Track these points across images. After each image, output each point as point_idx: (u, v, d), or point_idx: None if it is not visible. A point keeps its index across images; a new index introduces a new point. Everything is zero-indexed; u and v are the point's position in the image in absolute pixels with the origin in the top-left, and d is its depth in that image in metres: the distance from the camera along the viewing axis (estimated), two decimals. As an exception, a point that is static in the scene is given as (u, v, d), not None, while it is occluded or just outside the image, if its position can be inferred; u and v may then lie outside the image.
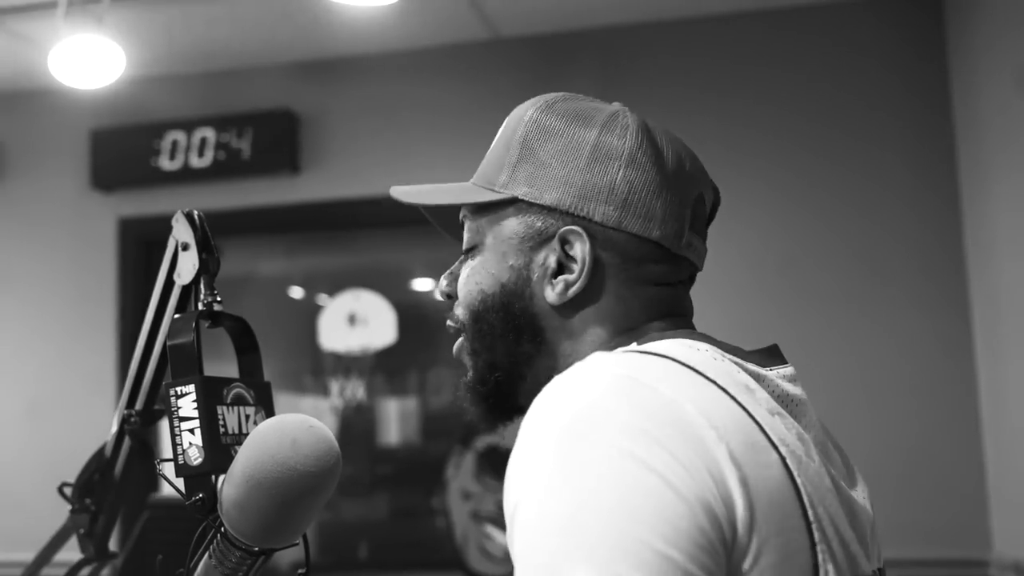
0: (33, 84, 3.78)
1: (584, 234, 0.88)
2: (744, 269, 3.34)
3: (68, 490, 1.19)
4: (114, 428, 1.15)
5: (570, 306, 0.89)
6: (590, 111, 0.91)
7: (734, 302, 3.32)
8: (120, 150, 3.83)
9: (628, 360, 0.77)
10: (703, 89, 3.45)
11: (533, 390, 0.80)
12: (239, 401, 0.95)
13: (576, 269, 0.88)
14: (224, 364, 1.06)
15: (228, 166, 3.74)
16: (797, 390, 0.86)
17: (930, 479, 3.15)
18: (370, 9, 3.21)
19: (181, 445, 0.91)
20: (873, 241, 3.28)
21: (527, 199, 0.90)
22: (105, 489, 1.17)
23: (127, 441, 1.13)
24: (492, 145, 0.96)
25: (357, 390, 3.93)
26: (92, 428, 1.12)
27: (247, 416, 0.96)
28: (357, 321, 3.85)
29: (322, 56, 3.73)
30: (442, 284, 0.98)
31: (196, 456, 0.90)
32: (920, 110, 3.30)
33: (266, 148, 3.70)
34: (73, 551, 1.23)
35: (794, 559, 0.72)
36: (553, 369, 0.88)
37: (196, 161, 3.74)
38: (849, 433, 3.41)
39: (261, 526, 0.88)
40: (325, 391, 3.99)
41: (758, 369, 0.84)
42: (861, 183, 3.32)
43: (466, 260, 0.95)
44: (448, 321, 0.97)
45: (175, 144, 3.77)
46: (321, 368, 4.05)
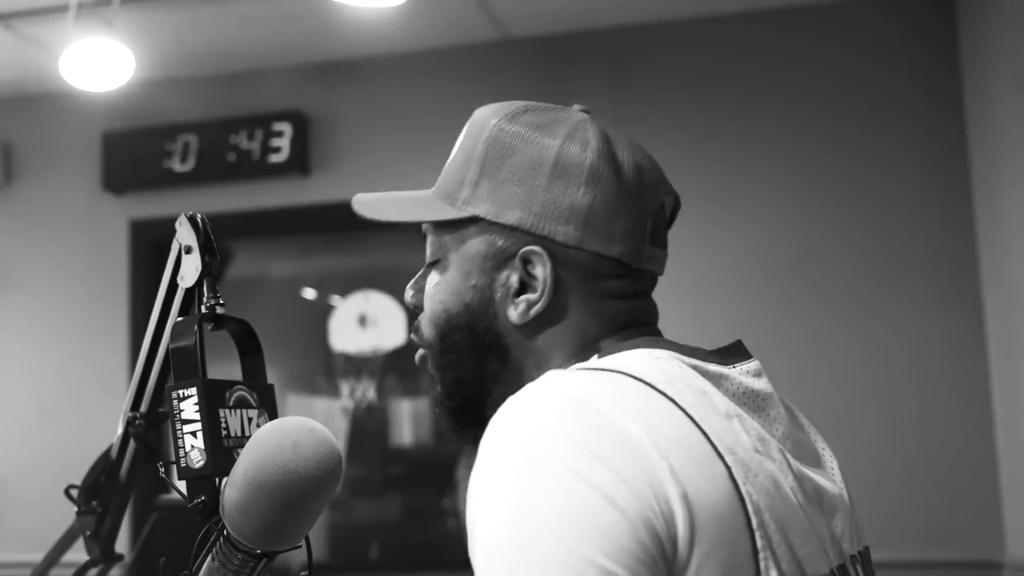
0: (45, 87, 3.80)
1: (545, 254, 0.89)
2: (755, 268, 3.34)
3: (75, 492, 1.20)
4: (119, 430, 1.15)
5: (533, 325, 0.91)
6: (552, 124, 0.92)
7: (745, 301, 3.31)
8: (131, 152, 3.85)
9: (580, 380, 0.80)
10: (712, 89, 3.44)
11: (500, 402, 0.83)
12: (241, 404, 0.95)
13: (538, 288, 0.90)
14: (230, 366, 1.06)
15: (239, 168, 3.75)
16: (761, 384, 0.88)
17: (943, 480, 3.14)
18: (379, 10, 3.22)
19: (183, 448, 0.90)
20: (885, 241, 3.27)
21: (489, 218, 0.91)
22: (111, 491, 1.17)
23: (132, 444, 1.14)
24: (454, 152, 0.97)
25: (368, 391, 3.94)
26: (104, 429, 1.13)
27: (250, 419, 0.96)
28: (367, 322, 3.85)
29: (332, 58, 3.73)
30: (408, 296, 1.00)
31: (198, 459, 0.90)
32: (931, 109, 3.28)
33: (276, 150, 3.71)
34: (82, 552, 1.24)
35: (738, 570, 0.75)
36: (519, 384, 0.89)
37: (206, 163, 3.76)
38: (861, 433, 3.42)
39: (263, 529, 0.88)
40: (337, 392, 4.00)
41: (719, 369, 0.86)
42: (872, 183, 3.30)
43: (430, 272, 0.97)
44: (412, 335, 0.98)
45: (186, 146, 3.78)
46: (332, 369, 4.05)
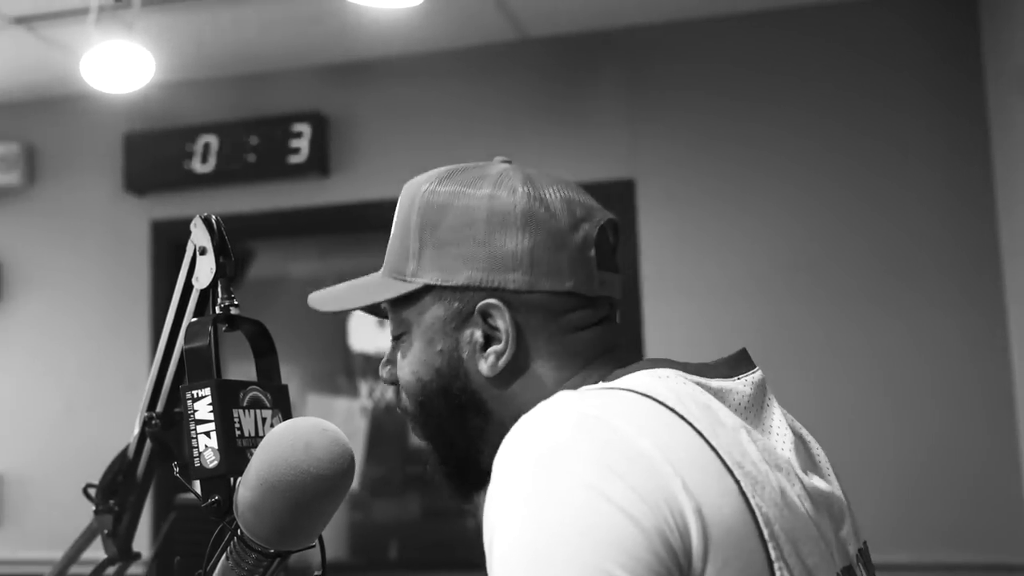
0: (67, 89, 3.83)
1: (501, 304, 0.91)
2: (771, 270, 3.32)
3: (92, 491, 1.21)
4: (136, 430, 1.16)
5: (505, 375, 0.93)
6: (475, 179, 0.94)
7: (761, 302, 3.30)
8: (153, 154, 3.87)
9: (592, 398, 0.82)
10: (730, 90, 3.43)
11: (491, 457, 0.84)
12: (255, 404, 0.96)
13: (502, 339, 0.92)
14: (248, 366, 1.07)
15: (258, 169, 3.76)
16: (764, 394, 0.89)
17: (962, 482, 3.11)
18: (397, 11, 3.23)
19: (197, 448, 0.91)
20: (901, 242, 3.25)
21: (439, 283, 0.93)
22: (128, 490, 1.19)
23: (148, 443, 1.15)
24: (393, 228, 1.00)
25: (387, 391, 3.95)
26: (126, 428, 1.14)
27: (263, 419, 0.96)
28: (386, 322, 3.87)
29: (351, 59, 3.75)
30: (383, 373, 1.02)
31: (212, 459, 0.91)
32: (951, 111, 3.25)
33: (296, 151, 3.73)
34: (101, 550, 1.25)
35: None
36: (504, 435, 0.90)
37: (227, 164, 3.78)
38: (879, 434, 3.39)
39: (276, 528, 0.89)
40: (356, 392, 4.01)
41: (722, 383, 0.87)
42: (889, 184, 3.28)
43: (398, 346, 0.99)
44: (397, 408, 1.01)
45: (206, 147, 3.80)
46: (352, 369, 4.07)
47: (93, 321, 3.93)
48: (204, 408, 0.92)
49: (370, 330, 3.92)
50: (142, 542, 1.30)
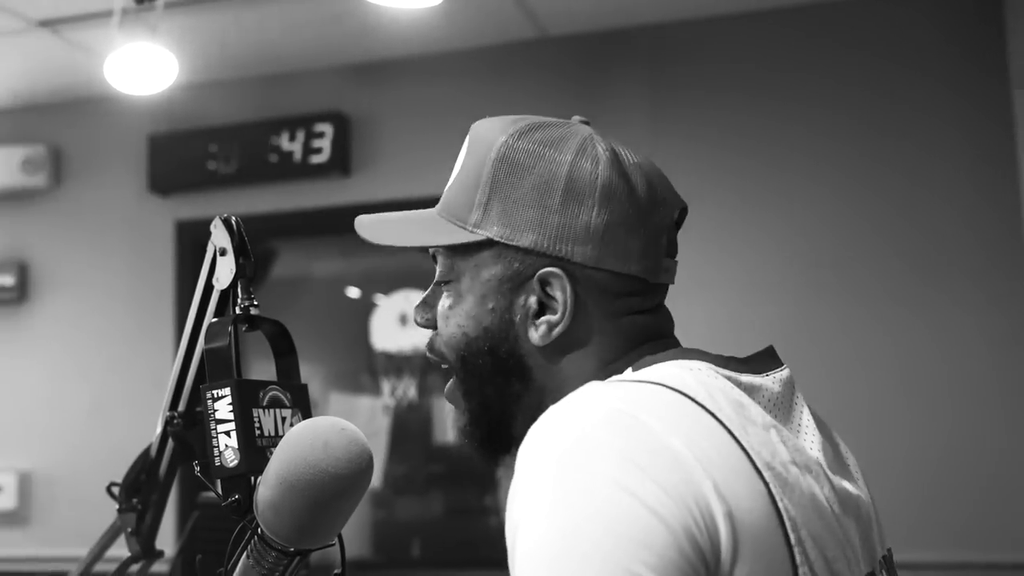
0: (91, 91, 3.87)
1: (564, 275, 0.88)
2: (794, 268, 3.31)
3: (116, 490, 1.23)
4: (158, 429, 1.17)
5: (555, 346, 0.90)
6: (560, 140, 0.90)
7: (784, 300, 3.28)
8: (176, 155, 3.90)
9: (620, 391, 0.80)
10: (751, 88, 3.41)
11: (525, 424, 0.82)
12: (275, 403, 0.97)
13: (558, 310, 0.88)
14: (270, 366, 1.07)
15: (280, 169, 3.79)
16: (793, 392, 0.88)
17: (984, 482, 3.09)
18: (417, 11, 3.23)
19: (217, 447, 0.92)
20: (928, 243, 3.22)
21: (503, 240, 0.89)
22: (150, 489, 1.20)
23: (171, 442, 1.16)
24: (457, 170, 0.95)
25: (408, 389, 3.96)
26: (152, 427, 1.15)
27: (283, 418, 0.97)
28: (408, 321, 3.88)
29: (371, 59, 3.76)
30: (417, 316, 0.98)
31: (232, 458, 0.91)
32: (977, 111, 3.22)
33: (317, 151, 3.75)
34: (125, 548, 1.26)
35: None
36: (541, 405, 0.89)
37: (249, 164, 3.80)
38: (899, 432, 3.37)
39: (295, 527, 0.89)
40: (378, 391, 4.03)
41: (752, 379, 0.85)
42: (912, 183, 3.25)
43: (440, 291, 0.95)
44: (428, 352, 0.97)
45: (229, 148, 3.83)
46: (375, 368, 4.08)
47: (118, 321, 3.96)
48: (224, 408, 0.92)
49: (392, 329, 3.94)
50: (167, 540, 1.31)
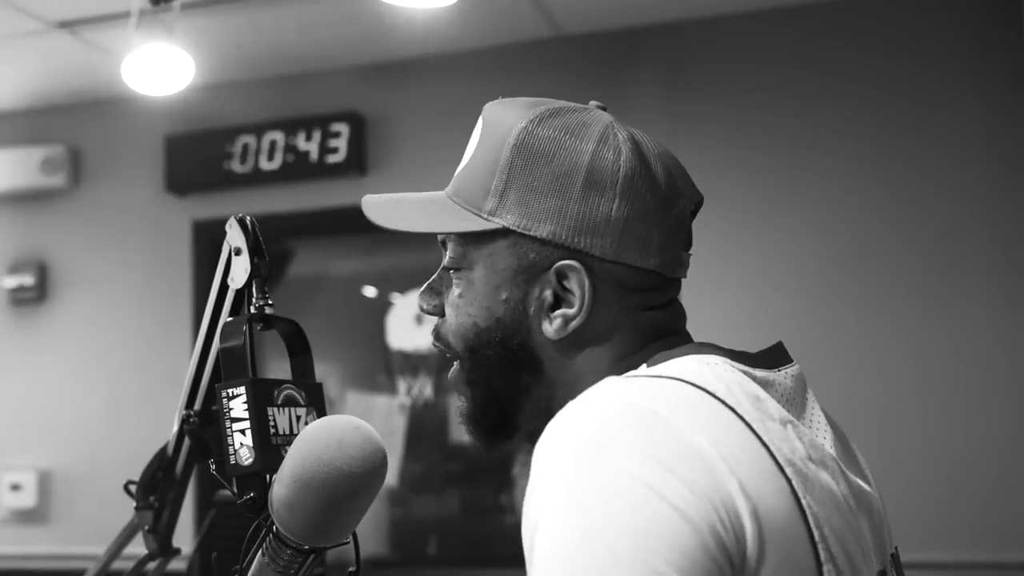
0: (109, 92, 3.89)
1: (582, 268, 0.85)
2: (810, 266, 3.29)
3: (133, 488, 1.24)
4: (175, 428, 1.18)
5: (569, 339, 0.87)
6: (577, 127, 0.87)
7: (799, 298, 3.27)
8: (193, 155, 3.92)
9: (639, 386, 0.78)
10: (767, 86, 3.40)
11: (532, 415, 0.82)
12: (290, 402, 0.97)
13: (575, 304, 0.86)
14: (287, 364, 1.08)
15: (297, 168, 3.80)
16: (804, 388, 0.87)
17: (998, 482, 3.07)
18: (433, 11, 3.24)
19: (232, 445, 0.93)
20: (944, 241, 3.21)
21: (519, 230, 0.87)
22: (167, 487, 1.21)
23: (187, 441, 1.17)
24: (471, 153, 0.93)
25: (424, 388, 3.97)
26: (170, 425, 1.16)
27: (298, 417, 0.97)
28: (424, 320, 3.89)
29: (387, 59, 3.77)
30: (423, 302, 0.96)
31: (247, 456, 0.92)
32: (993, 110, 3.20)
33: (334, 150, 3.76)
34: (142, 546, 1.27)
35: None
36: (552, 399, 0.88)
37: (266, 164, 3.82)
38: (915, 433, 3.33)
39: (310, 525, 0.90)
40: (395, 389, 4.04)
41: (766, 374, 0.84)
42: (931, 182, 3.24)
43: (448, 278, 0.93)
44: (433, 340, 0.95)
45: (245, 148, 3.84)
46: (391, 366, 4.09)
47: (136, 320, 3.99)
48: (239, 406, 0.93)
49: (409, 328, 3.94)
50: (184, 537, 1.32)
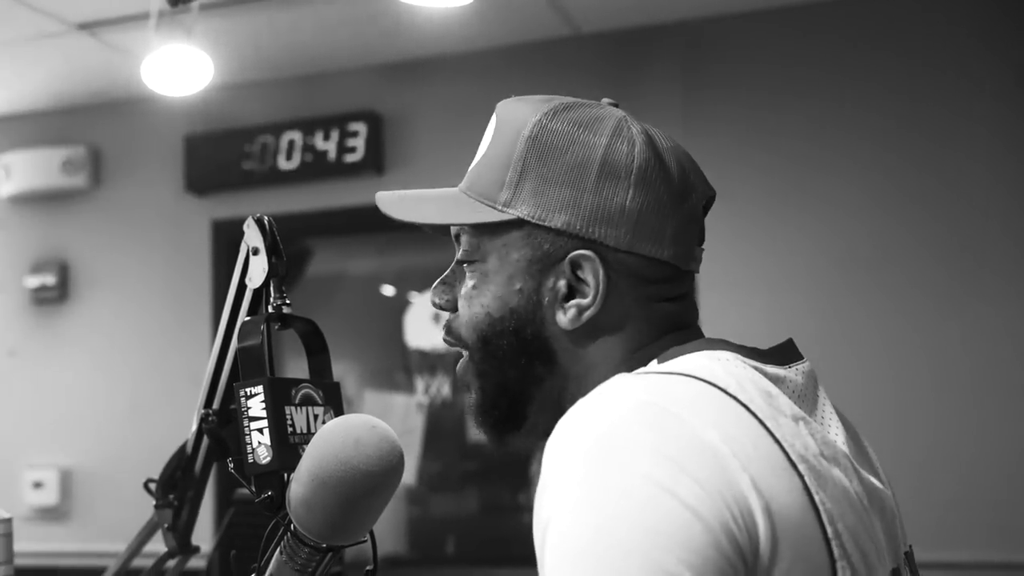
0: (129, 93, 3.91)
1: (596, 258, 0.86)
2: (826, 265, 3.28)
3: (153, 486, 1.24)
4: (194, 427, 1.19)
5: (583, 330, 0.88)
6: (593, 122, 0.88)
7: (817, 298, 3.26)
8: (212, 155, 3.94)
9: (650, 383, 0.78)
10: (784, 84, 3.38)
11: (542, 408, 0.82)
12: (307, 401, 0.98)
13: (589, 294, 0.86)
14: (305, 363, 1.08)
15: (315, 168, 3.81)
16: (815, 385, 0.86)
17: (1014, 482, 3.05)
18: (449, 10, 3.24)
19: (250, 444, 0.93)
20: (960, 241, 3.19)
21: (533, 220, 0.87)
22: (186, 485, 1.21)
23: (206, 439, 1.17)
24: (484, 149, 0.93)
25: (442, 387, 3.98)
26: (190, 424, 1.17)
27: (315, 416, 0.98)
28: (441, 318, 3.89)
29: (405, 58, 3.78)
30: (436, 296, 0.96)
31: (265, 455, 0.93)
32: (1009, 111, 3.17)
33: (352, 150, 3.77)
34: (162, 544, 1.28)
35: None
36: (563, 390, 0.88)
37: (284, 164, 3.84)
38: (931, 432, 3.31)
39: (327, 523, 0.90)
40: (413, 388, 4.04)
41: (777, 370, 0.84)
42: (946, 183, 3.22)
43: (462, 271, 0.93)
44: (444, 334, 0.95)
45: (264, 148, 3.86)
46: (409, 365, 4.10)
47: (156, 319, 4.01)
48: (257, 405, 0.93)
49: (427, 327, 3.95)
50: (204, 536, 1.33)
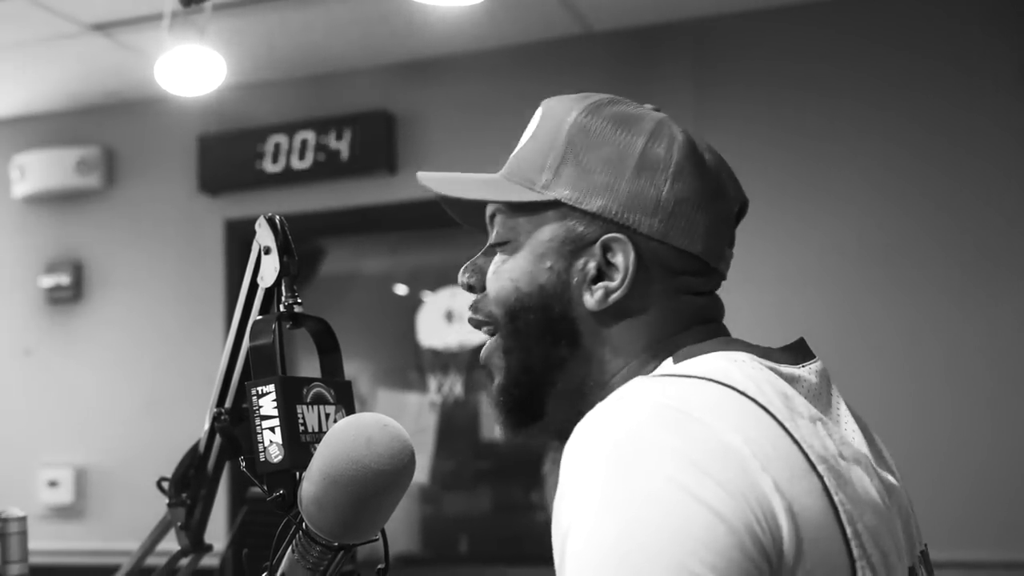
0: (142, 93, 3.93)
1: (628, 242, 0.88)
2: (841, 262, 3.27)
3: (166, 484, 1.25)
4: (206, 426, 1.19)
5: (608, 313, 0.89)
6: (635, 118, 0.91)
7: (832, 295, 3.25)
8: (226, 155, 3.95)
9: (669, 387, 0.78)
10: (797, 82, 3.37)
11: (560, 398, 0.83)
12: (319, 400, 0.98)
13: (618, 277, 0.88)
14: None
15: (328, 167, 3.82)
16: (829, 384, 0.86)
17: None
18: (461, 9, 3.24)
19: (262, 443, 0.93)
20: (976, 237, 3.17)
21: (570, 203, 0.89)
22: (199, 484, 1.22)
23: (218, 438, 1.18)
24: (525, 140, 0.96)
25: (455, 386, 3.98)
26: (204, 423, 1.18)
27: (327, 415, 0.98)
28: (454, 318, 3.89)
29: (417, 57, 3.78)
30: (464, 276, 0.97)
31: (276, 454, 0.93)
32: (1022, 104, 3.17)
33: (364, 149, 3.78)
34: (175, 542, 1.28)
35: None
36: (586, 376, 0.89)
37: (297, 163, 3.84)
38: (947, 429, 3.30)
39: (339, 522, 0.90)
40: (425, 387, 4.05)
41: (792, 370, 0.84)
42: (962, 179, 3.20)
43: (494, 254, 0.95)
44: (471, 314, 0.96)
45: (277, 147, 3.87)
46: (422, 364, 4.10)
47: (170, 318, 4.03)
48: (268, 404, 0.93)
49: (439, 326, 3.95)
50: (218, 534, 1.33)
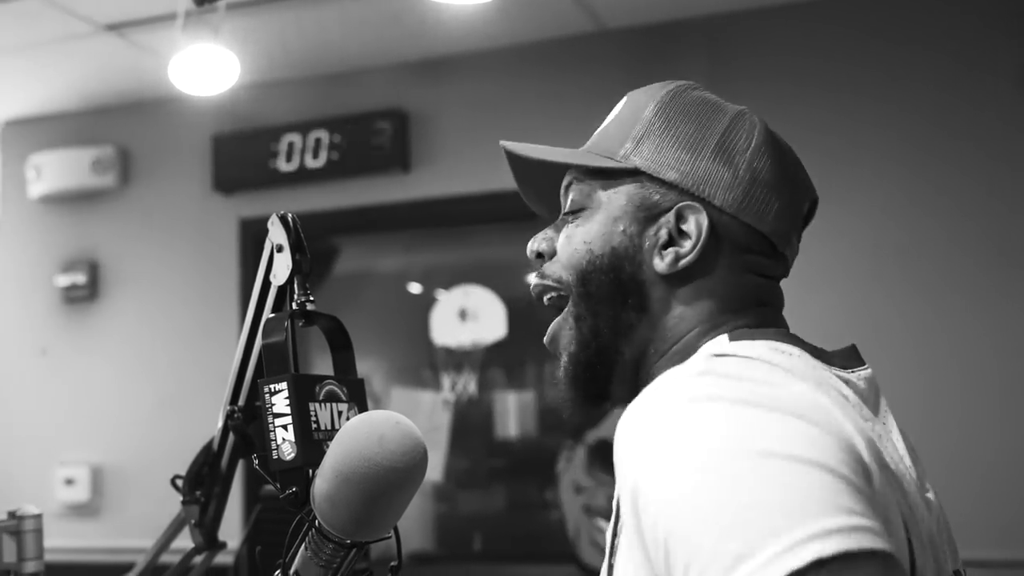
0: (156, 93, 3.94)
1: (703, 211, 0.89)
2: (859, 260, 3.25)
3: (180, 482, 1.25)
4: (220, 424, 1.20)
5: (677, 278, 0.90)
6: (719, 105, 0.94)
7: (851, 292, 3.23)
8: (240, 154, 3.96)
9: (737, 364, 0.77)
10: (812, 79, 3.36)
11: (625, 370, 0.84)
12: (331, 398, 0.98)
13: (688, 244, 0.89)
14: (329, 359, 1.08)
15: (341, 166, 3.83)
16: (878, 392, 0.86)
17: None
18: (474, 7, 3.24)
19: (275, 440, 0.93)
20: (992, 237, 3.15)
21: (649, 172, 0.91)
22: (213, 481, 1.22)
23: (232, 436, 1.18)
24: (609, 120, 0.98)
25: (468, 384, 3.98)
26: (217, 421, 1.18)
27: (339, 412, 0.98)
28: (468, 316, 3.89)
29: (430, 55, 3.78)
30: (536, 242, 0.97)
31: (289, 451, 0.93)
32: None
33: (378, 147, 3.78)
34: (189, 540, 1.29)
35: None
36: (649, 343, 0.90)
37: (311, 162, 3.85)
38: (961, 429, 3.27)
39: (351, 519, 0.90)
40: (439, 385, 4.05)
41: (843, 373, 0.84)
42: (976, 179, 3.18)
43: (567, 223, 0.95)
44: (536, 280, 0.96)
45: (291, 146, 3.88)
46: (435, 363, 4.11)
47: (185, 317, 4.04)
48: (281, 402, 0.94)
49: (453, 324, 3.95)
50: (232, 532, 1.33)
